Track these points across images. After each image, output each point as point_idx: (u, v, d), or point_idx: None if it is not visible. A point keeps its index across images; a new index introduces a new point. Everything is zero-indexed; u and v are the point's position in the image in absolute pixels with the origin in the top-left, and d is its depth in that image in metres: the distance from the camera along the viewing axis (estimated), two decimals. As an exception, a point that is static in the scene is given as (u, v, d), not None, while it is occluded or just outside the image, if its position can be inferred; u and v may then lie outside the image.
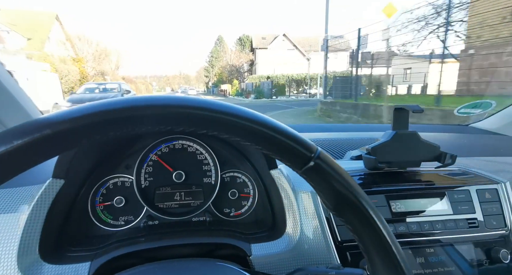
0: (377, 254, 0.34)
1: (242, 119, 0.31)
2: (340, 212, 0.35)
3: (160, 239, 0.60)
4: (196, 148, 0.75)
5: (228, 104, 0.32)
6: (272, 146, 0.32)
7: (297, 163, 0.33)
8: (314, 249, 0.62)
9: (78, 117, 0.27)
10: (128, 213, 0.70)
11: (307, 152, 0.32)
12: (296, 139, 0.32)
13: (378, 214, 0.34)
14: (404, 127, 0.72)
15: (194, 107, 0.30)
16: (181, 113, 0.29)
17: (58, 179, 0.57)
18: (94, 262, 0.54)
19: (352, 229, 0.35)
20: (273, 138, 0.32)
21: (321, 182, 0.33)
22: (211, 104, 0.30)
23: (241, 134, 0.31)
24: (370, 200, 0.34)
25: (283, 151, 0.32)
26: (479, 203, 0.72)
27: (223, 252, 0.62)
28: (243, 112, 0.31)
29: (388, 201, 0.68)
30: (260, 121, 0.31)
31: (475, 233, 0.69)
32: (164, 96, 0.30)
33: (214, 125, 0.30)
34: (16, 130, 0.25)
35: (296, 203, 0.65)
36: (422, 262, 0.65)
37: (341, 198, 0.34)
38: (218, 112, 0.30)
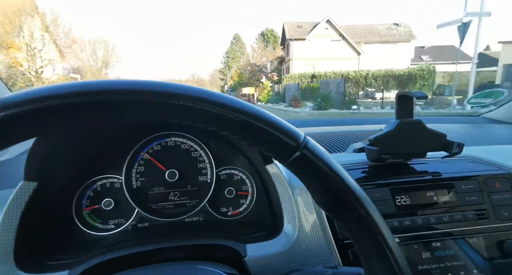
0: (374, 256, 0.31)
1: (218, 105, 0.27)
2: (331, 209, 0.32)
3: (149, 243, 0.57)
4: (190, 144, 0.72)
5: (203, 89, 0.28)
6: (254, 135, 0.29)
7: (282, 153, 0.30)
8: (313, 248, 0.59)
9: (95, 91, 0.25)
10: (118, 216, 0.67)
11: (292, 141, 0.29)
12: (280, 126, 0.29)
13: (376, 212, 0.31)
14: (408, 116, 0.68)
15: (161, 93, 0.26)
16: (145, 101, 0.26)
17: (30, 181, 0.53)
18: (72, 271, 0.51)
19: (346, 227, 0.32)
20: (254, 126, 0.28)
21: (309, 175, 0.30)
22: (180, 89, 0.27)
23: (217, 123, 0.28)
24: (366, 194, 0.31)
25: (266, 141, 0.29)
26: (488, 193, 0.67)
27: (217, 253, 0.59)
28: (219, 97, 0.28)
29: (393, 194, 0.64)
30: (239, 108, 0.28)
31: (484, 225, 0.65)
32: (132, 81, 0.26)
33: (183, 113, 0.27)
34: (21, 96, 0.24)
35: (293, 198, 0.62)
36: (429, 256, 0.61)
37: (332, 193, 0.30)
38: (189, 98, 0.26)
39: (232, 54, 53.50)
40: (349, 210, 0.30)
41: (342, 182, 0.30)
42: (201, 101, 0.26)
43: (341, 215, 0.31)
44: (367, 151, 0.69)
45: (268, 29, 45.10)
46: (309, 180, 0.31)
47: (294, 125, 0.30)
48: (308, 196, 0.63)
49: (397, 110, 0.69)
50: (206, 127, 0.28)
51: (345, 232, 0.32)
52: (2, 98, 0.24)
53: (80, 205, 0.65)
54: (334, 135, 1.01)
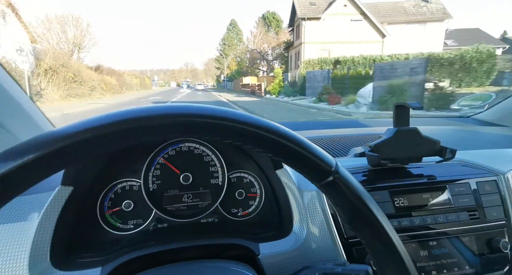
0: (388, 268, 0.36)
1: (265, 131, 0.32)
2: (355, 227, 0.37)
3: (170, 242, 0.61)
4: (202, 149, 0.76)
5: (250, 115, 0.33)
6: (293, 158, 0.34)
7: (316, 176, 0.35)
8: (321, 246, 0.64)
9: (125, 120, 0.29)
10: (137, 217, 0.71)
11: (326, 166, 0.34)
12: (317, 153, 0.34)
13: (394, 232, 0.36)
14: (405, 124, 0.74)
15: (219, 118, 0.31)
16: (211, 123, 0.31)
17: (67, 186, 0.58)
18: (105, 267, 0.55)
19: (367, 244, 0.37)
20: (294, 151, 0.33)
21: (339, 196, 0.35)
22: (235, 115, 0.32)
23: (263, 145, 0.33)
24: (386, 216, 0.36)
25: (303, 165, 0.34)
26: (479, 195, 0.74)
27: (232, 252, 0.64)
28: (266, 125, 0.32)
29: (392, 197, 0.70)
30: (283, 134, 0.33)
31: (476, 225, 0.71)
32: (183, 106, 0.31)
33: (237, 136, 0.32)
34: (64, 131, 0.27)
35: (302, 201, 0.67)
36: (426, 254, 0.67)
37: (357, 213, 0.35)
38: (243, 124, 0.31)
39: (229, 41, 50.41)
40: (371, 228, 0.36)
41: (365, 204, 0.35)
42: (260, 129, 0.32)
43: (363, 232, 0.37)
44: (368, 156, 0.74)
45: (269, 12, 41.85)
46: (338, 201, 0.36)
47: (290, 128, 0.35)
48: (315, 199, 0.68)
49: (395, 119, 0.75)
50: (253, 149, 0.33)
51: (362, 244, 0.38)
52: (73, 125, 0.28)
53: (103, 207, 0.69)
54: (335, 139, 1.06)
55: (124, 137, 0.29)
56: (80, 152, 0.28)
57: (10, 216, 0.57)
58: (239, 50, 48.26)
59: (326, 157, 0.35)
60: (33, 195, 0.62)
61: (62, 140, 0.27)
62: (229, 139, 0.32)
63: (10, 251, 0.52)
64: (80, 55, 25.91)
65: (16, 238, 0.53)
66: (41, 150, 0.26)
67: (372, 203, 0.36)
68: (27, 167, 0.26)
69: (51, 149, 0.26)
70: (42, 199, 0.59)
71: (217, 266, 0.52)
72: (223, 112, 0.32)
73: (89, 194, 0.66)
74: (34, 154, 0.26)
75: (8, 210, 0.58)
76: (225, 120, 0.31)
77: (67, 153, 0.27)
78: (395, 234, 0.36)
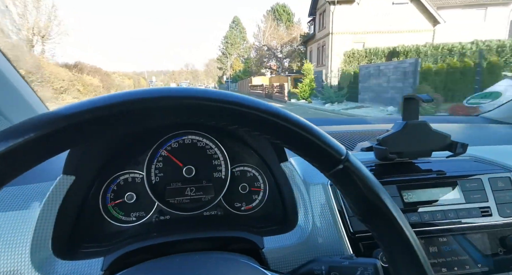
0: (402, 263, 0.34)
1: (272, 116, 0.31)
2: (366, 218, 0.35)
3: (172, 234, 0.61)
4: (205, 142, 0.75)
5: (254, 99, 0.32)
6: (302, 146, 0.32)
7: (326, 165, 0.33)
8: (327, 241, 0.62)
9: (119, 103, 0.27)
10: (139, 209, 0.70)
11: (336, 154, 0.32)
12: (327, 140, 0.32)
13: (407, 224, 0.34)
14: (414, 117, 0.72)
15: (226, 102, 0.30)
16: (217, 107, 0.30)
17: (69, 175, 0.57)
18: (107, 257, 0.55)
19: (378, 237, 0.35)
20: (304, 138, 0.32)
21: (349, 186, 0.34)
22: (243, 99, 0.31)
23: (270, 131, 0.32)
24: (397, 206, 0.34)
25: (313, 152, 0.33)
26: (491, 191, 0.71)
27: (235, 245, 0.63)
28: (273, 109, 0.31)
29: (400, 191, 0.68)
30: (293, 121, 0.31)
31: (488, 222, 0.68)
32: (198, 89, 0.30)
33: (247, 121, 0.31)
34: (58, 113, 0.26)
35: (307, 195, 0.66)
36: (435, 251, 0.65)
37: (368, 202, 0.34)
38: (252, 108, 0.30)
39: (232, 39, 47.04)
40: (382, 219, 0.34)
41: (378, 195, 0.33)
42: (270, 115, 0.31)
43: (374, 225, 0.35)
44: (376, 150, 0.72)
45: (279, 5, 37.79)
46: (348, 191, 0.34)
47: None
48: (321, 192, 0.67)
49: (404, 112, 0.73)
50: (262, 135, 0.32)
51: (373, 237, 0.36)
52: (72, 106, 0.27)
53: (105, 198, 0.69)
54: (342, 135, 1.04)
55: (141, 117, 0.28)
56: (93, 130, 0.27)
57: (12, 204, 0.57)
58: (243, 49, 46.35)
59: (336, 144, 0.33)
60: (35, 184, 0.62)
61: (77, 116, 0.26)
62: (237, 124, 0.31)
63: (12, 239, 0.52)
64: (45, 47, 19.66)
65: (18, 227, 0.53)
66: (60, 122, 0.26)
67: (385, 194, 0.34)
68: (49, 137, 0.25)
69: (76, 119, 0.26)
70: (44, 188, 0.59)
71: (221, 257, 0.52)
72: (234, 96, 0.31)
73: (91, 185, 0.66)
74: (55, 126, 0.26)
75: (10, 199, 0.58)
76: (234, 105, 0.30)
77: (79, 130, 0.27)
78: (408, 227, 0.34)
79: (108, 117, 0.27)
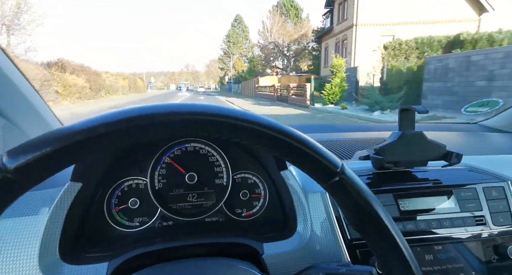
0: (395, 270, 0.36)
1: (271, 130, 0.32)
2: (361, 229, 0.37)
3: (175, 239, 0.63)
4: (207, 150, 0.77)
5: (255, 114, 0.34)
6: (299, 158, 0.34)
7: (322, 177, 0.35)
8: (324, 248, 0.64)
9: (131, 118, 0.29)
10: (143, 215, 0.72)
11: (332, 166, 0.34)
12: (323, 153, 0.34)
13: (399, 233, 0.36)
14: (410, 128, 0.74)
15: (225, 116, 0.32)
16: (213, 121, 0.31)
17: (76, 182, 0.59)
18: (111, 262, 0.56)
19: (372, 246, 0.37)
20: (301, 150, 0.33)
21: (345, 197, 0.36)
22: (241, 114, 0.32)
23: (270, 145, 0.33)
24: (391, 217, 0.36)
25: (309, 164, 0.34)
26: (486, 201, 0.73)
27: (236, 251, 0.64)
28: (273, 124, 0.33)
29: (396, 200, 0.70)
30: (289, 134, 0.33)
31: (482, 230, 0.70)
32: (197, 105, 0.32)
33: (245, 134, 0.32)
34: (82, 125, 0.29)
35: (306, 202, 0.67)
36: (431, 259, 0.67)
37: (363, 215, 0.36)
38: (249, 122, 0.32)
39: (234, 38, 45.22)
40: (375, 228, 0.36)
41: (371, 205, 0.35)
42: (267, 129, 0.32)
43: (368, 233, 0.37)
44: (373, 159, 0.74)
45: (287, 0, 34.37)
46: (344, 202, 0.36)
47: (299, 131, 0.35)
48: (319, 200, 0.69)
49: (400, 122, 0.75)
50: (260, 147, 0.34)
51: (368, 246, 0.38)
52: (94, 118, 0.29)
53: (110, 204, 0.71)
54: (340, 143, 1.06)
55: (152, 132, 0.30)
56: (103, 144, 0.29)
57: (22, 209, 0.59)
58: (245, 49, 45.08)
59: (332, 157, 0.35)
60: (44, 191, 0.64)
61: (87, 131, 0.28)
62: (237, 137, 0.33)
63: (21, 243, 0.54)
64: (11, 40, 16.36)
65: (28, 231, 0.55)
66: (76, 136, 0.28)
67: (378, 205, 0.36)
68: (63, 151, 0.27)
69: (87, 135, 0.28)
70: (52, 195, 0.61)
71: (221, 263, 0.53)
72: (228, 110, 0.32)
73: (97, 191, 0.69)
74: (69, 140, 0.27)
75: (20, 204, 0.60)
76: (232, 119, 0.32)
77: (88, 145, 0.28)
78: (401, 237, 0.36)
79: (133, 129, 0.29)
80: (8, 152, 0.27)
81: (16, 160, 0.26)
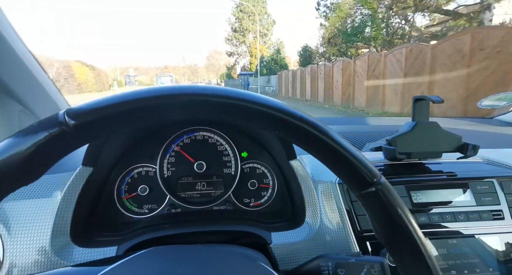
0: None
1: (318, 131, 0.32)
2: (389, 241, 0.35)
3: (183, 226, 0.63)
4: (216, 139, 0.77)
5: (304, 114, 0.33)
6: (338, 163, 0.33)
7: (358, 185, 0.34)
8: (334, 238, 0.63)
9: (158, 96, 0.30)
10: (152, 202, 0.73)
11: (370, 176, 0.33)
12: (363, 161, 0.33)
13: (430, 251, 0.34)
14: (424, 118, 0.72)
15: (278, 110, 0.31)
16: (266, 113, 0.31)
17: (88, 166, 0.61)
18: (121, 246, 0.57)
19: (398, 258, 0.36)
20: (341, 156, 0.32)
21: (378, 209, 0.34)
22: (290, 111, 0.32)
23: (312, 145, 0.33)
24: (423, 234, 0.35)
25: (347, 171, 0.33)
26: (504, 195, 0.70)
27: (244, 240, 0.64)
28: (320, 126, 0.32)
29: (409, 192, 0.68)
30: (333, 138, 0.32)
31: (500, 225, 0.67)
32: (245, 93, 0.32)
33: (292, 132, 0.32)
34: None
35: (315, 192, 0.67)
36: (445, 253, 0.65)
37: (395, 228, 0.34)
38: (298, 120, 0.32)
39: (248, 9, 30.05)
40: (407, 247, 0.34)
41: (405, 221, 0.33)
42: (315, 129, 0.32)
43: (396, 246, 0.35)
44: (385, 150, 0.73)
45: None
46: (376, 214, 0.35)
47: None
48: (329, 190, 0.68)
49: (414, 112, 0.73)
50: (301, 146, 0.33)
51: (396, 265, 0.36)
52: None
53: (120, 190, 0.72)
54: (352, 134, 1.05)
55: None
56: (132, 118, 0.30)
57: (36, 192, 0.60)
58: (263, 26, 30.32)
59: (371, 166, 0.34)
60: (56, 174, 0.65)
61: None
62: (282, 132, 0.32)
63: (35, 224, 0.56)
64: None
65: (41, 213, 0.57)
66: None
67: (413, 221, 0.34)
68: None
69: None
70: (64, 179, 0.63)
71: (229, 250, 0.53)
72: (278, 104, 0.32)
73: (107, 177, 0.70)
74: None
75: (33, 187, 0.61)
76: (285, 114, 0.31)
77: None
78: (431, 256, 0.34)
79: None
80: (69, 110, 0.29)
81: (76, 118, 0.28)
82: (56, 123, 0.28)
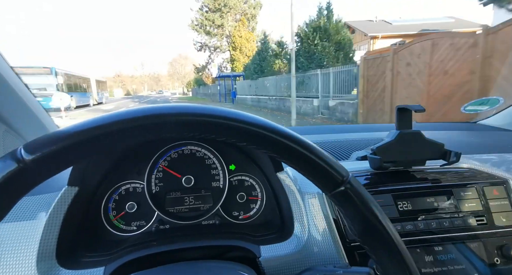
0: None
1: (280, 136, 0.32)
2: (364, 238, 0.36)
3: (172, 243, 0.62)
4: (204, 152, 0.77)
5: (264, 120, 0.33)
6: (306, 165, 0.34)
7: (327, 185, 0.34)
8: (322, 250, 0.64)
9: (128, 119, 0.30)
10: (140, 218, 0.72)
11: (339, 176, 0.34)
12: (330, 162, 0.34)
13: (403, 246, 0.35)
14: (407, 127, 0.74)
15: (237, 120, 0.32)
16: (214, 123, 0.31)
17: (73, 186, 0.60)
18: (108, 266, 0.56)
19: (376, 257, 0.37)
20: (308, 158, 0.33)
21: (350, 207, 0.35)
22: (250, 118, 0.32)
23: (277, 151, 0.33)
24: (396, 229, 0.36)
25: (316, 172, 0.34)
26: (486, 200, 0.72)
27: (233, 254, 0.64)
28: (282, 130, 0.33)
29: (395, 200, 0.69)
30: (297, 140, 0.33)
31: (484, 231, 0.69)
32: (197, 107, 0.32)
33: (253, 140, 0.32)
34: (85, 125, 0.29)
35: (303, 204, 0.67)
36: (431, 260, 0.66)
37: (367, 225, 0.35)
38: (258, 127, 0.32)
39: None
40: (380, 241, 0.35)
41: (377, 217, 0.34)
42: (276, 134, 0.32)
43: (372, 245, 0.36)
44: (370, 159, 0.74)
45: None
46: (349, 213, 0.35)
47: (298, 133, 0.35)
48: (316, 202, 0.68)
49: (397, 121, 0.75)
50: (267, 153, 0.33)
51: (371, 258, 0.37)
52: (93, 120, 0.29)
53: (107, 208, 0.71)
54: (337, 143, 1.06)
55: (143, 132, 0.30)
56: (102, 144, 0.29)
57: (20, 215, 0.59)
58: (248, 4, 21.82)
59: (339, 166, 0.34)
60: (41, 195, 0.64)
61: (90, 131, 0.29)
62: (244, 141, 0.32)
63: (19, 248, 0.54)
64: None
65: (25, 236, 0.55)
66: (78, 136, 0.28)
67: (384, 217, 0.35)
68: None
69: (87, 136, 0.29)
70: (49, 199, 0.62)
71: (218, 266, 0.53)
72: (238, 114, 0.32)
73: (94, 195, 0.69)
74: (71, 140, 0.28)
75: (17, 209, 0.60)
76: (241, 123, 0.32)
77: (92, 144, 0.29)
78: (405, 250, 0.35)
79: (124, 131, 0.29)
80: (26, 145, 0.28)
81: (33, 152, 0.27)
82: (14, 160, 0.27)
